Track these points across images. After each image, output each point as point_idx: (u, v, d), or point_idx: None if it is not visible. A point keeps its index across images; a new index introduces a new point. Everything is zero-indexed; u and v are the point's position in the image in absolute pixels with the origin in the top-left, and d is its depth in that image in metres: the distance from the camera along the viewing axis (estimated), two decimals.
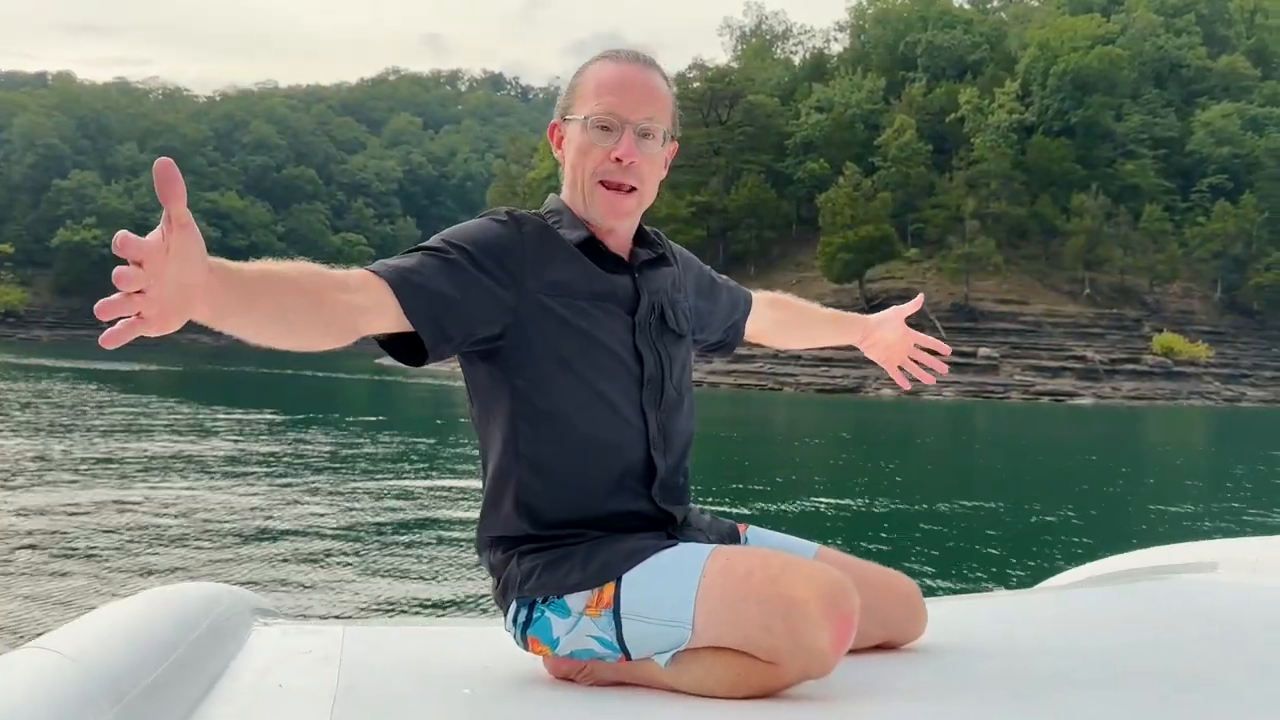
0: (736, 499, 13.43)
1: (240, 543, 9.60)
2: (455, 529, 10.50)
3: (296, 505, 11.75)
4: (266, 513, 11.17)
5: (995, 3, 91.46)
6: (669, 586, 1.39)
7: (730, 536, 1.65)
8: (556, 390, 1.48)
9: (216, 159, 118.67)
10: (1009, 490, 16.14)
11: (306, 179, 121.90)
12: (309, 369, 47.76)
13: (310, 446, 17.65)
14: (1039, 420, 37.39)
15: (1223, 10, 79.22)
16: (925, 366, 2.04)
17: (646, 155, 1.55)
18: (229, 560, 8.85)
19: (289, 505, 11.72)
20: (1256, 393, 57.23)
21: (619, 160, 1.52)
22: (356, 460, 16.20)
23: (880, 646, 1.63)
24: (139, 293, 1.03)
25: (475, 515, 1.59)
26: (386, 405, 32.67)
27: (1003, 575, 9.36)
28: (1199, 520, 13.38)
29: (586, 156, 1.54)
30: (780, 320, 2.00)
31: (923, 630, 1.66)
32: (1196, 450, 27.95)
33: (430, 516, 11.38)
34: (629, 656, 1.41)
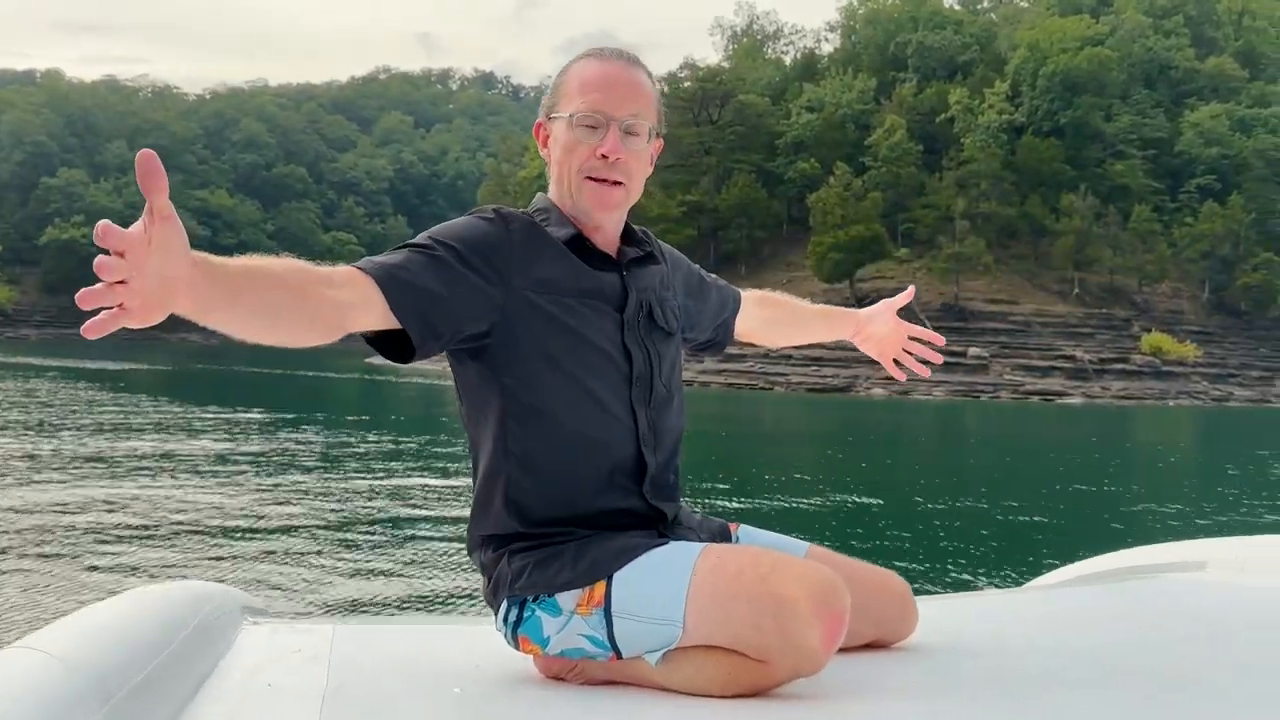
0: (727, 498, 13.44)
1: (230, 541, 9.57)
2: (445, 528, 10.48)
3: (286, 504, 11.71)
4: (256, 511, 11.14)
5: (985, 3, 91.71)
6: (660, 585, 1.39)
7: (721, 535, 1.65)
8: (545, 388, 1.48)
9: (206, 157, 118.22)
10: (998, 489, 16.18)
11: (297, 177, 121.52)
12: (299, 368, 47.58)
13: (300, 446, 17.59)
14: (1028, 420, 37.51)
15: (1211, 12, 79.52)
16: (920, 359, 2.05)
17: (632, 152, 1.55)
18: (218, 559, 8.82)
19: (279, 504, 11.69)
20: (1244, 392, 57.49)
21: (605, 157, 1.53)
22: (347, 459, 16.16)
23: (871, 645, 1.63)
24: (121, 284, 1.04)
25: (465, 514, 1.59)
26: (377, 404, 32.59)
27: (992, 574, 9.39)
28: (1186, 519, 13.43)
29: (573, 154, 1.55)
30: (770, 318, 2.00)
31: (913, 629, 1.67)
32: (1184, 450, 28.07)
33: (421, 515, 11.36)
34: (620, 655, 1.41)
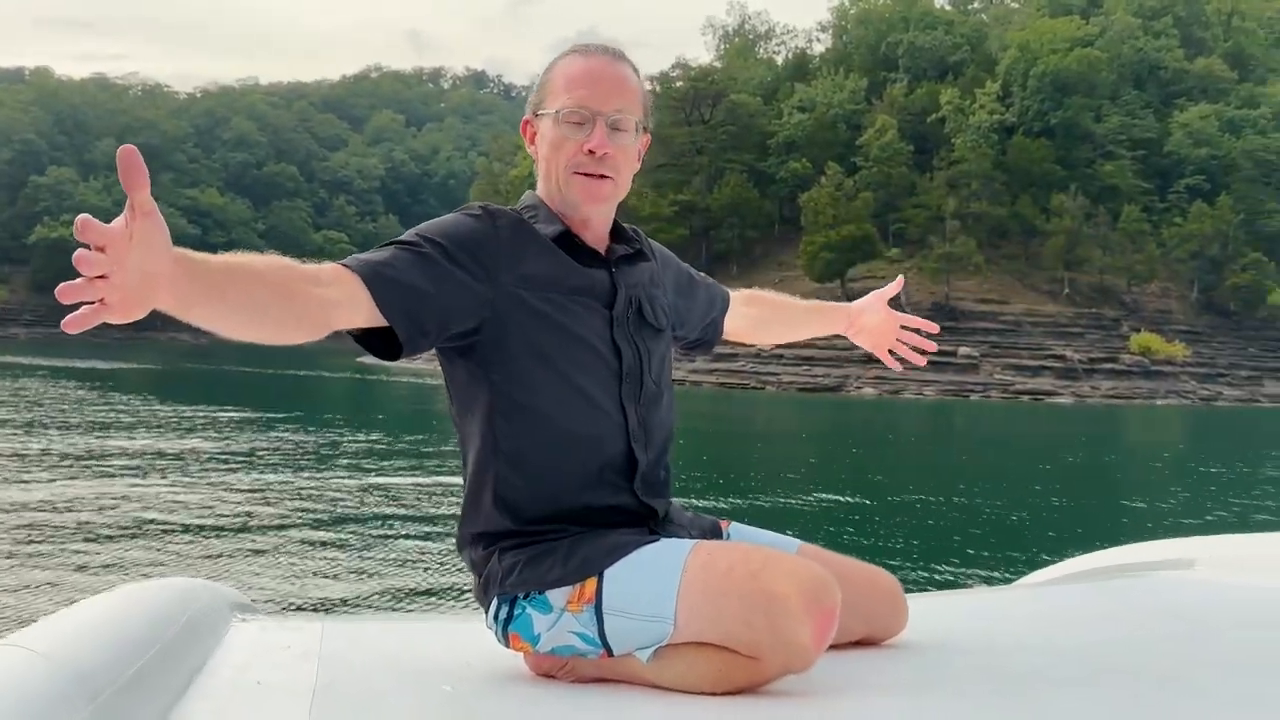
0: (719, 496, 13.47)
1: (220, 539, 9.55)
2: (436, 526, 10.48)
3: (276, 502, 11.69)
4: (246, 510, 11.12)
5: (976, 4, 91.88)
6: (651, 582, 1.39)
7: (712, 533, 1.65)
8: (534, 385, 1.48)
9: (196, 156, 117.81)
10: (989, 488, 16.23)
11: (287, 176, 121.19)
12: (290, 367, 47.46)
13: (291, 444, 17.55)
14: (1018, 419, 37.62)
15: (1200, 13, 79.79)
16: (914, 347, 2.04)
17: (619, 147, 1.54)
18: (208, 557, 8.81)
19: (269, 502, 11.67)
20: (1232, 392, 57.74)
21: (592, 152, 1.52)
22: (337, 457, 16.14)
23: (861, 642, 1.63)
24: (102, 279, 1.04)
25: (456, 512, 1.59)
26: (368, 403, 32.55)
27: (982, 572, 9.42)
28: (1175, 518, 13.51)
29: (560, 150, 1.54)
30: (759, 316, 2.00)
31: (904, 626, 1.67)
32: (1173, 449, 28.19)
33: (411, 513, 11.35)
34: (611, 653, 1.41)
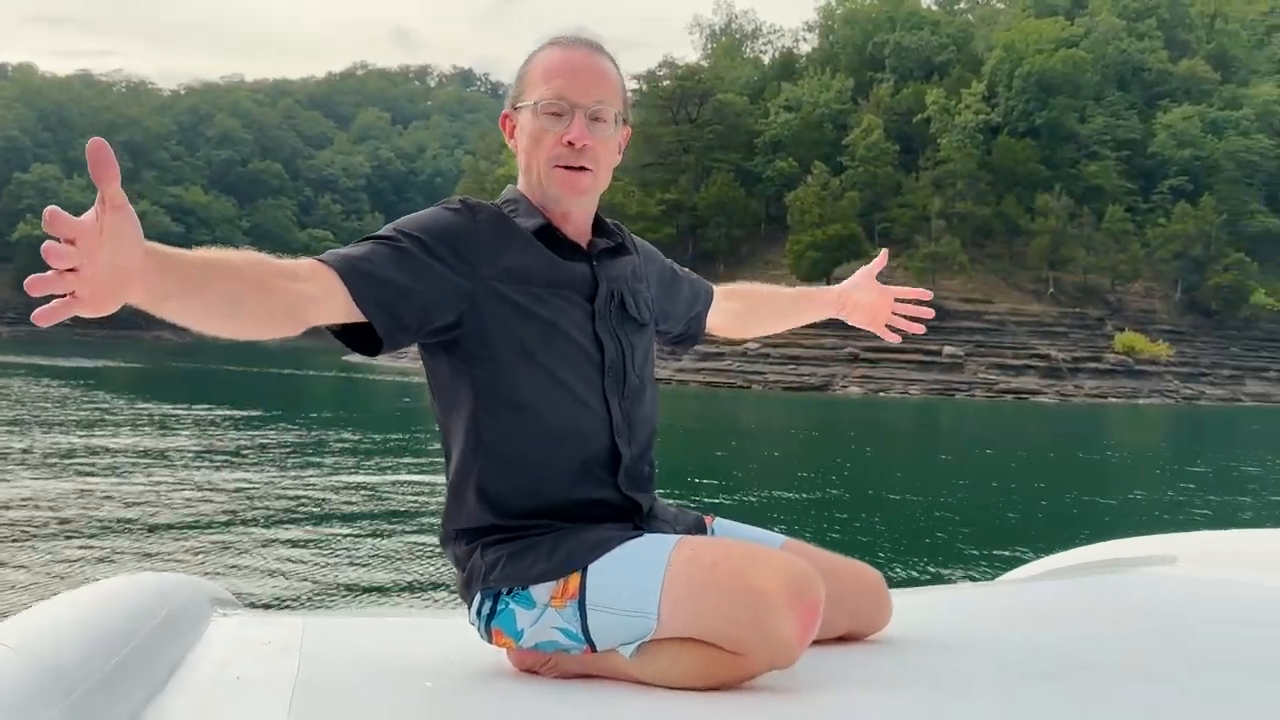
0: (704, 493, 13.48)
1: (202, 535, 9.53)
2: (419, 522, 10.47)
3: (260, 499, 11.65)
4: (229, 506, 11.08)
5: (962, 4, 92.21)
6: (635, 577, 1.39)
7: (697, 528, 1.64)
8: (516, 379, 1.48)
9: (180, 153, 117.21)
10: (973, 485, 16.29)
11: (272, 174, 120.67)
12: (275, 366, 47.28)
13: (275, 441, 17.48)
14: (1003, 418, 37.77)
15: (1183, 15, 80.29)
16: (911, 317, 2.03)
17: (599, 139, 1.54)
18: (190, 552, 8.78)
19: (252, 499, 11.63)
20: (1215, 391, 58.15)
21: (571, 144, 1.52)
22: (321, 454, 16.07)
23: (845, 637, 1.63)
24: (72, 271, 1.02)
25: (439, 508, 1.58)
26: (353, 401, 32.45)
27: (966, 568, 9.46)
28: (1158, 515, 13.59)
29: (539, 143, 1.54)
30: (744, 309, 1.99)
31: (887, 621, 1.67)
32: (1156, 448, 28.37)
33: (394, 510, 11.33)
34: (594, 648, 1.40)
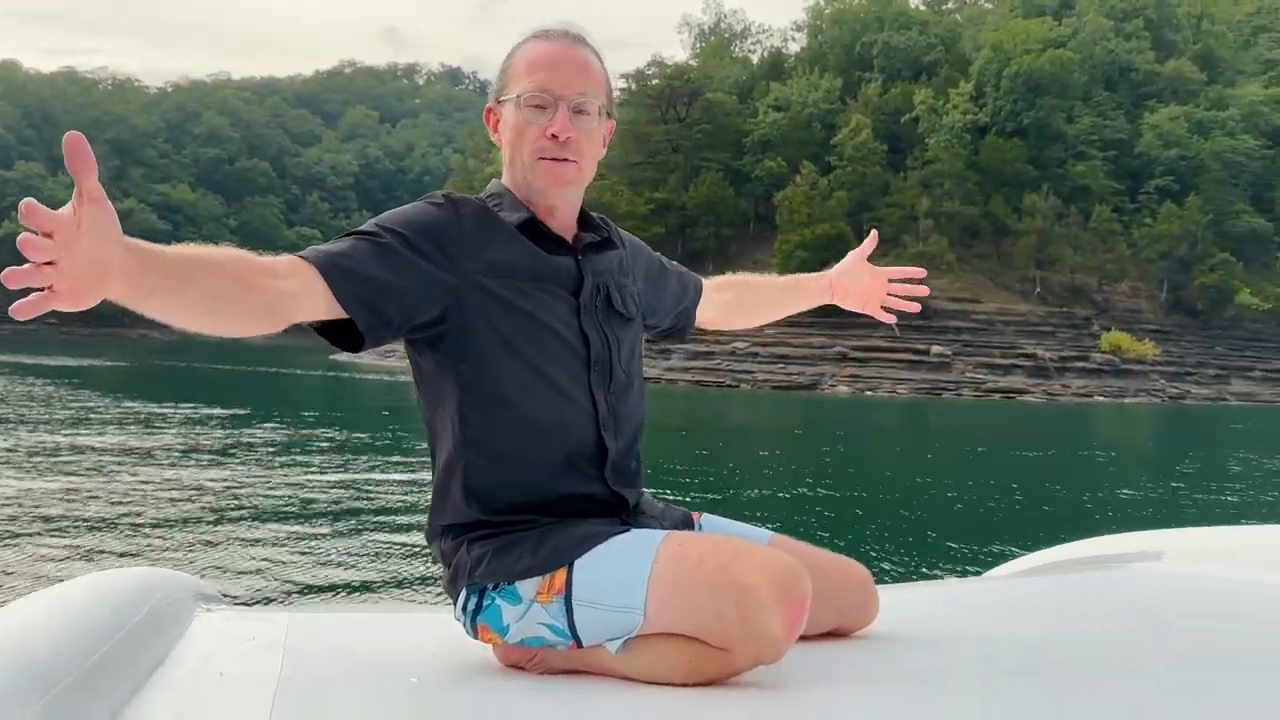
0: (692, 490, 13.50)
1: (187, 532, 9.50)
2: (405, 519, 10.47)
3: (246, 496, 11.62)
4: (216, 503, 11.04)
5: (950, 4, 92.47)
6: (621, 572, 1.38)
7: (684, 524, 1.64)
8: (502, 373, 1.47)
9: (168, 151, 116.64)
10: (960, 482, 16.33)
11: (260, 172, 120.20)
12: (261, 365, 47.12)
13: (261, 440, 17.42)
14: (990, 416, 37.89)
15: (1170, 15, 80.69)
16: (906, 297, 2.03)
17: (583, 131, 1.53)
18: (175, 548, 8.76)
19: (238, 496, 11.59)
20: (1200, 390, 58.46)
21: (555, 137, 1.51)
22: (308, 453, 16.02)
23: (831, 633, 1.63)
24: (49, 265, 1.02)
25: (425, 505, 1.57)
26: (339, 400, 32.36)
27: (952, 564, 9.49)
28: (1144, 512, 13.67)
29: (523, 136, 1.53)
30: (734, 300, 1.98)
31: (874, 617, 1.67)
32: (1143, 445, 28.52)
33: (381, 508, 11.32)
34: (580, 644, 1.40)
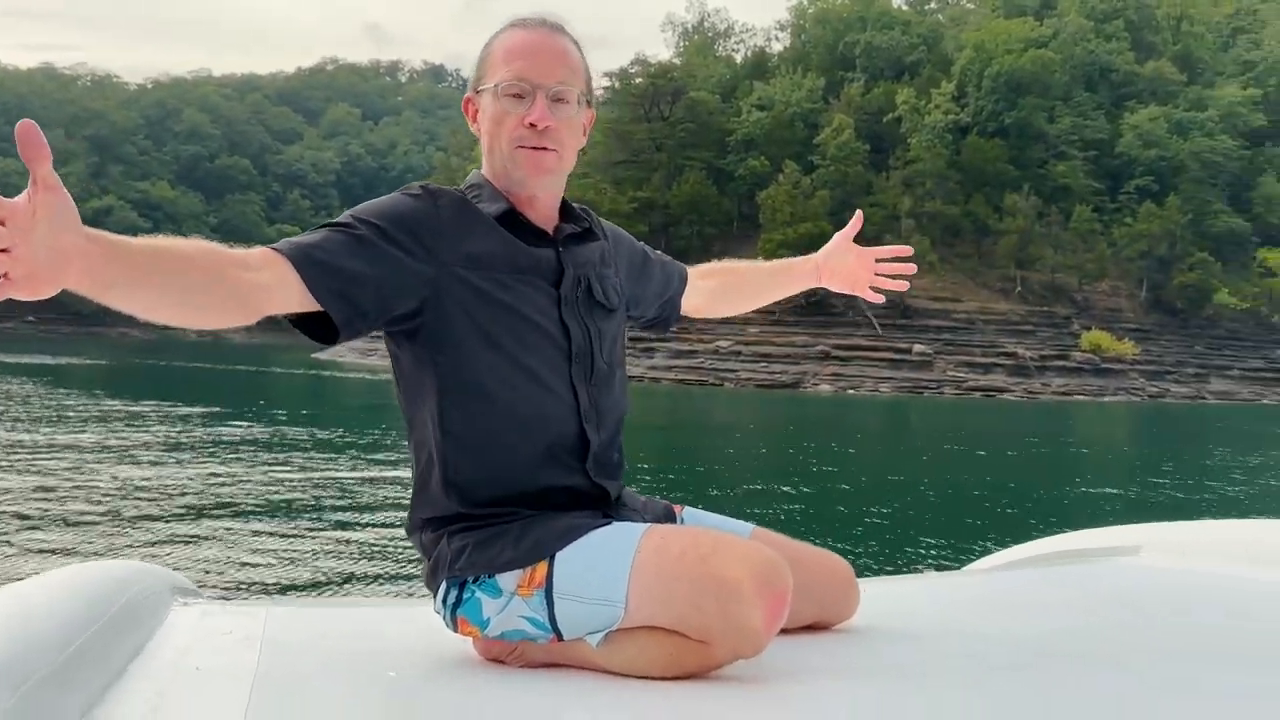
0: (674, 485, 13.51)
1: (167, 526, 9.45)
2: (386, 514, 10.46)
3: (227, 492, 11.57)
4: (195, 500, 10.99)
5: (933, 4, 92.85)
6: (602, 565, 1.38)
7: (666, 517, 1.64)
8: (481, 365, 1.46)
9: (147, 148, 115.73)
10: (941, 478, 16.39)
11: (240, 169, 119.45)
12: (242, 363, 46.87)
13: (242, 437, 17.31)
14: (971, 414, 38.05)
15: (1150, 17, 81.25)
16: (893, 275, 2.04)
17: (562, 119, 1.52)
18: (154, 543, 8.71)
19: (218, 492, 11.55)
20: (1180, 389, 58.88)
21: (533, 126, 1.50)
22: (289, 450, 15.93)
23: (812, 626, 1.63)
24: (4, 252, 1.02)
25: (405, 499, 1.56)
26: (321, 398, 32.23)
27: (933, 557, 9.53)
28: (1124, 506, 13.77)
29: (501, 125, 1.52)
30: (720, 287, 1.97)
31: (855, 610, 1.67)
32: (1123, 443, 28.72)
33: (362, 503, 11.29)
34: (561, 637, 1.39)
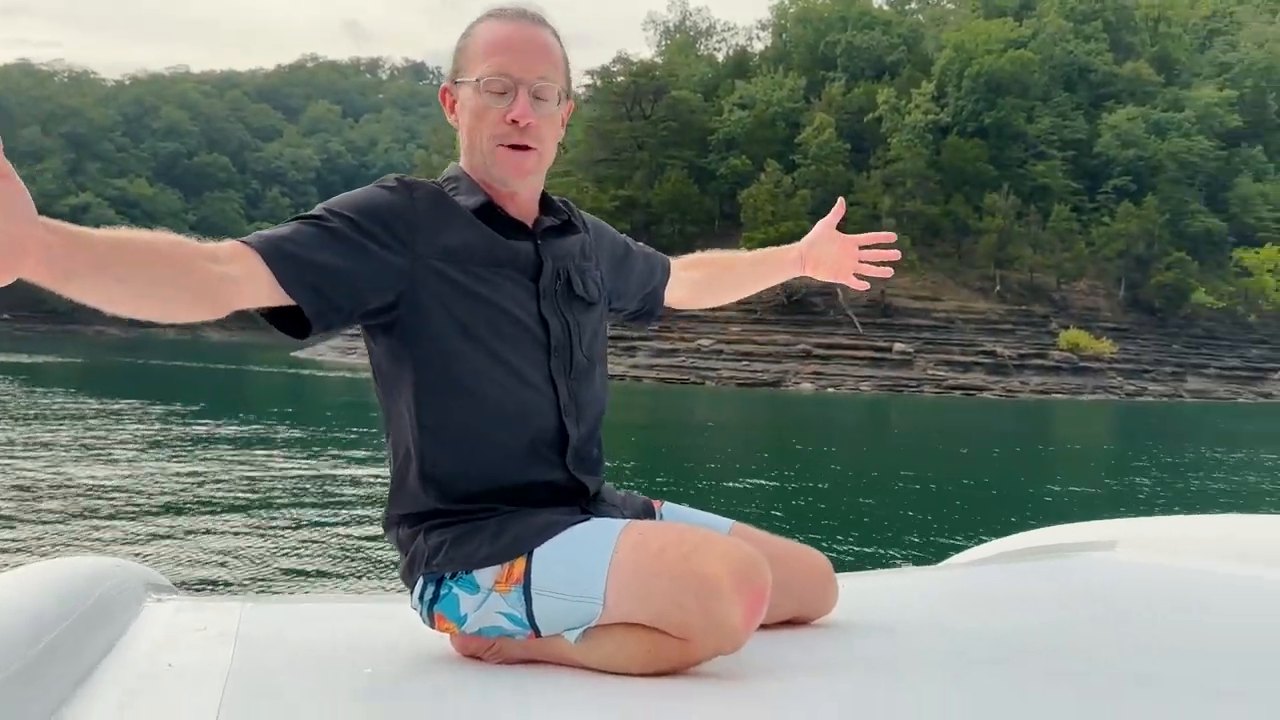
0: (654, 482, 13.52)
1: (141, 523, 9.39)
2: (364, 510, 10.43)
3: (203, 489, 11.52)
4: (171, 497, 10.93)
5: (913, 4, 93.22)
6: (581, 561, 1.37)
7: (645, 512, 1.63)
8: (458, 359, 1.45)
9: (125, 145, 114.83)
10: (920, 474, 16.47)
11: (219, 166, 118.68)
12: (221, 362, 46.57)
13: (219, 435, 17.21)
14: (950, 412, 38.26)
15: (1128, 18, 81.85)
16: (877, 262, 2.04)
17: (543, 115, 1.51)
18: (129, 540, 8.67)
19: (195, 489, 11.49)
20: (1157, 388, 59.37)
21: (515, 122, 1.49)
22: (268, 447, 15.85)
23: (791, 621, 1.63)
24: None
25: (383, 496, 1.55)
26: (300, 397, 32.08)
27: (912, 552, 9.58)
28: (1099, 502, 13.90)
29: (482, 120, 1.50)
30: (703, 278, 1.97)
31: (834, 605, 1.67)
32: (1100, 440, 28.94)
33: (339, 500, 11.26)
34: (539, 633, 1.39)
